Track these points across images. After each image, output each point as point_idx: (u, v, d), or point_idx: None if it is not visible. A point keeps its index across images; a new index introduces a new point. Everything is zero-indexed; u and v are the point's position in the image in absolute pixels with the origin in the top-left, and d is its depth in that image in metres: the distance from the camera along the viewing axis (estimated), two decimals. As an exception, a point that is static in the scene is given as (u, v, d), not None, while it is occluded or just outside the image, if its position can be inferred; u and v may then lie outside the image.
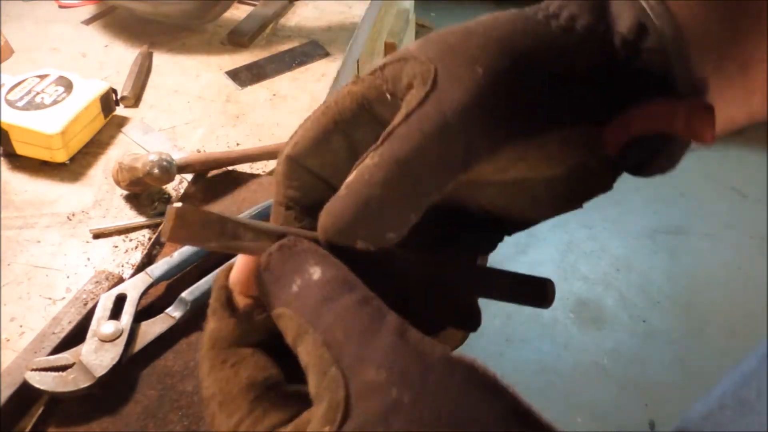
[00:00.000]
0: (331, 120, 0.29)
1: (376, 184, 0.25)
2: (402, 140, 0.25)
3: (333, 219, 0.26)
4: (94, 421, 0.49)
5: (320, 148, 0.29)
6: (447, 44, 0.27)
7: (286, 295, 0.24)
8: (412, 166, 0.25)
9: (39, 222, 0.69)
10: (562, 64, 0.27)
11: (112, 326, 0.52)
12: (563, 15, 0.28)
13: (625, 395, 1.69)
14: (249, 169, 0.74)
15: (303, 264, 0.24)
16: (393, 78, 0.28)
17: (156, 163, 0.65)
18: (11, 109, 0.74)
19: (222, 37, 0.99)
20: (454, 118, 0.25)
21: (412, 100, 0.26)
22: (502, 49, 0.27)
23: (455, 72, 0.26)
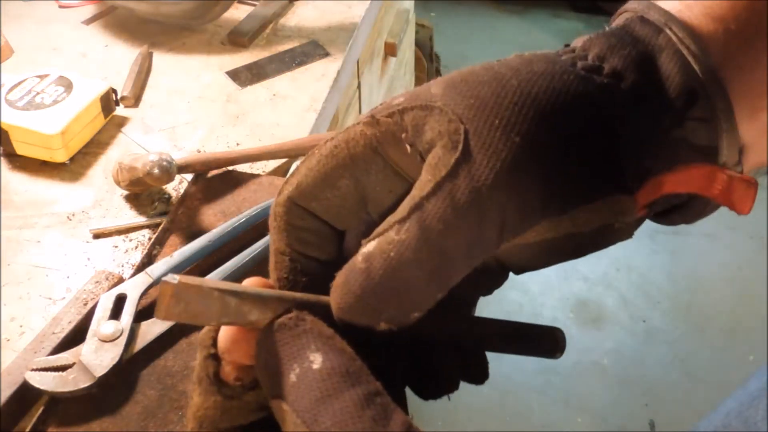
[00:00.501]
0: (340, 163, 0.26)
1: (403, 263, 0.23)
2: (432, 217, 0.23)
3: (353, 298, 0.23)
4: (94, 421, 0.49)
5: (326, 192, 0.27)
6: (477, 99, 0.25)
7: (283, 384, 0.22)
8: (443, 247, 0.23)
9: (39, 222, 0.69)
10: (604, 133, 0.25)
11: (112, 326, 0.52)
12: (606, 68, 0.26)
13: (625, 395, 1.69)
14: (249, 169, 0.74)
15: (303, 349, 0.22)
16: (414, 128, 0.25)
17: (156, 163, 0.65)
18: (11, 109, 0.74)
19: (222, 37, 0.99)
20: (489, 196, 0.23)
21: (440, 165, 0.24)
22: (540, 115, 0.24)
23: (489, 139, 0.24)
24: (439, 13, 3.12)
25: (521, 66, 0.26)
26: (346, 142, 0.27)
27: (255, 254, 0.59)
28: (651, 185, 0.26)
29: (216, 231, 0.61)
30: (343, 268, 0.24)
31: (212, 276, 0.57)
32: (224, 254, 0.59)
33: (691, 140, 0.26)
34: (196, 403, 0.25)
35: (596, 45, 0.27)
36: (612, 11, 0.31)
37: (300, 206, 0.27)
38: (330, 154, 0.27)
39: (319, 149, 0.27)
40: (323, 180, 0.27)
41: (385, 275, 0.23)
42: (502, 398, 1.66)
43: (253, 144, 0.79)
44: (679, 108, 0.26)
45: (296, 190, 0.27)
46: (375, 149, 0.26)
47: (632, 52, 0.26)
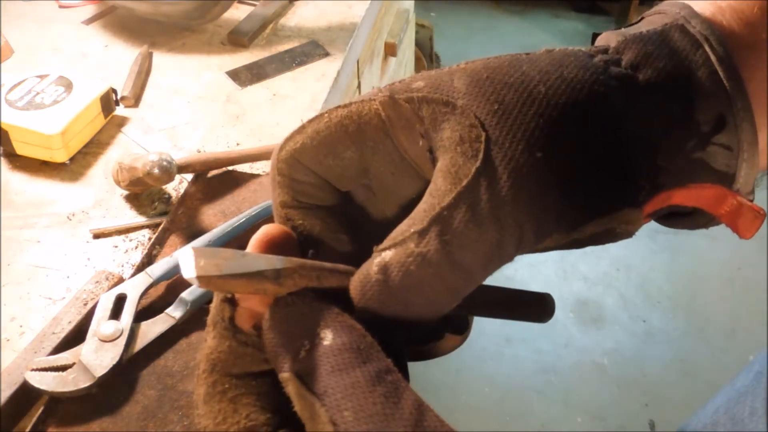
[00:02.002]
0: (348, 135, 0.26)
1: (423, 278, 0.23)
2: (454, 231, 0.23)
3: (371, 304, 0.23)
4: (94, 421, 0.49)
5: (329, 158, 0.27)
6: (501, 104, 0.24)
7: (293, 359, 0.22)
8: (463, 261, 0.23)
9: (39, 222, 0.69)
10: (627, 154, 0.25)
11: (112, 326, 0.52)
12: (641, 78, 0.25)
13: (625, 395, 1.69)
14: (249, 169, 0.74)
15: (313, 325, 0.22)
16: (432, 121, 0.25)
17: (156, 163, 0.65)
18: (11, 109, 0.74)
19: (222, 37, 0.99)
20: (509, 212, 0.23)
21: (460, 174, 0.23)
22: (565, 132, 0.24)
23: (511, 152, 0.23)
24: (439, 13, 3.13)
25: (550, 69, 0.25)
26: (359, 115, 0.26)
27: (255, 254, 0.59)
28: (660, 198, 0.26)
29: (216, 231, 0.61)
30: (357, 272, 0.24)
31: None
32: (224, 254, 0.59)
33: (710, 163, 0.26)
34: (210, 345, 0.25)
35: (631, 49, 0.26)
36: (612, 11, 0.30)
37: (301, 162, 0.27)
38: (340, 123, 0.26)
39: (329, 113, 0.27)
40: (328, 147, 0.26)
41: (403, 288, 0.23)
42: (502, 398, 1.66)
43: (253, 144, 0.79)
44: (706, 133, 0.25)
45: (300, 149, 0.27)
46: (386, 131, 0.26)
47: (668, 65, 0.25)
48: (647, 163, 0.25)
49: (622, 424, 1.64)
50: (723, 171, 0.26)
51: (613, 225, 0.25)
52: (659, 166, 0.25)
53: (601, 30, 0.28)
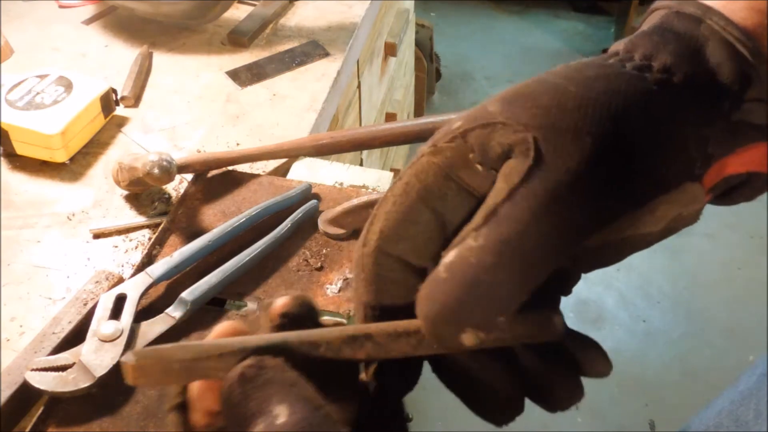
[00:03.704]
0: (416, 197, 0.26)
1: (485, 267, 0.23)
2: (510, 221, 0.23)
3: (439, 306, 0.24)
4: (94, 421, 0.49)
5: (410, 230, 0.27)
6: (539, 108, 0.25)
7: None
8: (524, 249, 0.23)
9: (39, 222, 0.69)
10: (666, 125, 0.25)
11: (112, 326, 0.52)
12: (656, 66, 0.26)
13: (625, 395, 1.69)
14: (249, 169, 0.74)
15: (267, 402, 0.22)
16: (480, 146, 0.26)
17: (156, 163, 0.65)
18: (11, 109, 0.74)
19: (222, 37, 0.99)
20: (566, 196, 0.24)
21: (513, 174, 0.24)
22: (605, 114, 0.25)
23: (559, 143, 0.24)
24: (439, 13, 3.13)
25: (573, 74, 0.27)
26: (416, 175, 0.27)
27: (255, 254, 0.59)
28: (715, 170, 0.27)
29: (216, 231, 0.61)
30: (425, 281, 0.25)
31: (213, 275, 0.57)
32: (224, 254, 0.59)
33: (751, 120, 0.27)
34: None
35: (640, 46, 0.27)
36: (612, 11, 0.31)
37: (387, 254, 0.27)
38: (404, 192, 0.27)
39: (391, 191, 0.27)
40: (404, 218, 0.27)
41: (467, 281, 0.23)
42: (502, 398, 1.66)
43: (253, 144, 0.79)
44: (736, 91, 0.26)
45: (381, 237, 0.27)
46: (446, 175, 0.26)
47: (677, 47, 0.27)
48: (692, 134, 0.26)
49: (622, 424, 1.64)
50: (764, 124, 0.27)
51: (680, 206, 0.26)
52: (704, 136, 0.26)
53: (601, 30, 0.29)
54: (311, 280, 0.59)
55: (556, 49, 2.93)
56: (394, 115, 1.61)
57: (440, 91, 2.69)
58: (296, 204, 0.64)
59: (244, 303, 0.58)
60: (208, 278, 0.57)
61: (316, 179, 0.71)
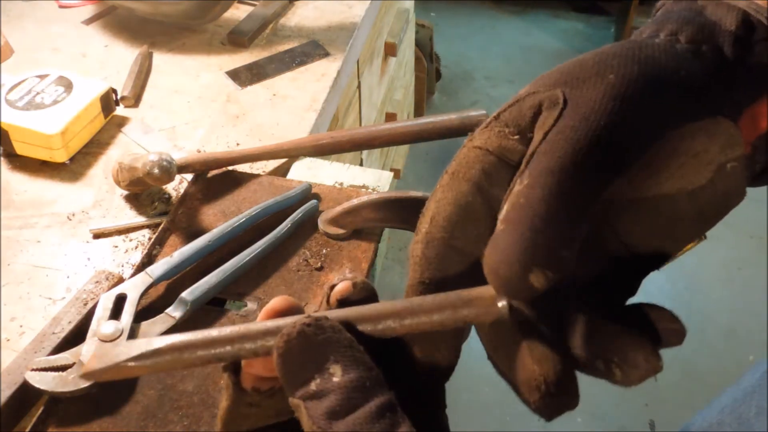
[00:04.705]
0: (463, 181, 0.28)
1: (536, 201, 0.24)
2: (549, 154, 0.25)
3: (502, 254, 0.24)
4: (94, 421, 0.49)
5: (462, 214, 0.28)
6: (563, 72, 0.27)
7: (304, 391, 0.23)
8: (568, 174, 0.24)
9: (39, 222, 0.69)
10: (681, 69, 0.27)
11: (112, 326, 0.52)
12: (663, 34, 0.28)
13: (625, 395, 1.69)
14: (249, 169, 0.74)
15: (323, 359, 0.23)
16: (513, 119, 0.27)
17: (156, 163, 0.65)
18: (11, 109, 0.74)
19: (222, 37, 0.99)
20: (597, 121, 0.25)
21: (546, 121, 0.26)
22: (625, 59, 0.26)
23: (585, 87, 0.26)
24: (439, 13, 3.12)
25: (592, 49, 0.28)
26: (459, 163, 0.28)
27: (255, 254, 0.59)
28: (748, 117, 0.28)
29: (216, 231, 0.61)
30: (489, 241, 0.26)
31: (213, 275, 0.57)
32: (224, 254, 0.59)
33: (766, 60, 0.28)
34: (223, 407, 0.27)
35: (647, 28, 0.29)
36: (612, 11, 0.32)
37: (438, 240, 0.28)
38: (450, 180, 0.28)
39: (439, 182, 0.29)
40: (455, 204, 0.28)
41: (520, 221, 0.24)
42: (502, 398, 1.66)
43: (253, 144, 0.79)
44: (742, 35, 0.28)
45: (431, 224, 0.28)
46: (486, 152, 0.28)
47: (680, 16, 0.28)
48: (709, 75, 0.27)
49: (622, 424, 1.64)
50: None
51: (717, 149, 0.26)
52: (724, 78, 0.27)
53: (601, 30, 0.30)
54: (311, 280, 0.59)
55: (556, 49, 2.93)
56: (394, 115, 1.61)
57: (440, 91, 2.69)
58: (296, 204, 0.64)
59: (244, 303, 0.58)
60: (208, 278, 0.57)
61: (316, 179, 0.71)
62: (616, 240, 0.29)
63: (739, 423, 0.69)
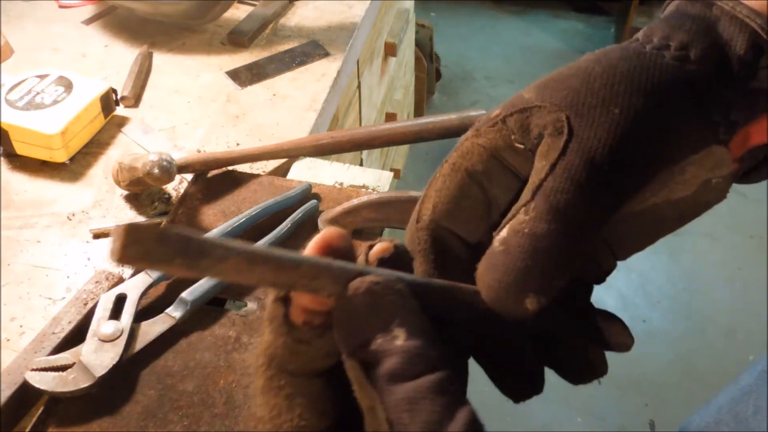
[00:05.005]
0: (465, 174, 0.29)
1: (540, 235, 0.25)
2: (555, 192, 0.26)
3: (500, 275, 0.26)
4: (94, 421, 0.49)
5: (461, 204, 0.29)
6: (570, 89, 0.28)
7: (361, 348, 0.22)
8: (572, 215, 0.26)
9: (39, 222, 0.69)
10: (687, 96, 0.28)
11: (112, 326, 0.52)
12: (673, 45, 0.28)
13: (625, 395, 1.69)
14: (249, 169, 0.74)
15: (388, 320, 0.22)
16: (520, 129, 0.28)
17: (156, 163, 0.65)
18: (11, 109, 0.74)
19: (222, 37, 0.99)
20: (602, 163, 0.26)
21: (550, 151, 0.26)
22: (630, 87, 0.27)
23: (590, 116, 0.27)
24: (439, 13, 3.12)
25: (599, 57, 0.29)
26: (462, 156, 0.29)
27: (255, 254, 0.59)
28: (739, 137, 0.29)
29: (216, 231, 0.61)
30: (483, 257, 0.27)
31: (212, 276, 0.57)
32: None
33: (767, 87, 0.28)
34: (267, 340, 0.25)
35: (658, 30, 0.29)
36: (612, 11, 0.32)
37: (441, 227, 0.29)
38: (452, 170, 0.29)
39: (440, 171, 0.30)
40: (457, 193, 0.29)
41: (523, 250, 0.25)
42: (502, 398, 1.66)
43: (253, 144, 0.79)
44: (750, 60, 0.28)
45: (434, 212, 0.29)
46: (491, 155, 0.29)
47: (692, 27, 0.29)
48: (713, 100, 0.28)
49: (622, 424, 1.64)
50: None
51: (708, 169, 0.28)
52: (725, 102, 0.28)
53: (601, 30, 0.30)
54: (311, 280, 0.59)
55: (556, 49, 2.93)
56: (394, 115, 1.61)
57: (440, 91, 2.69)
58: (296, 204, 0.64)
59: (244, 303, 0.58)
60: (208, 278, 0.57)
61: (316, 179, 0.71)
62: (606, 251, 0.31)
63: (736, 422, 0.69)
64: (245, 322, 0.56)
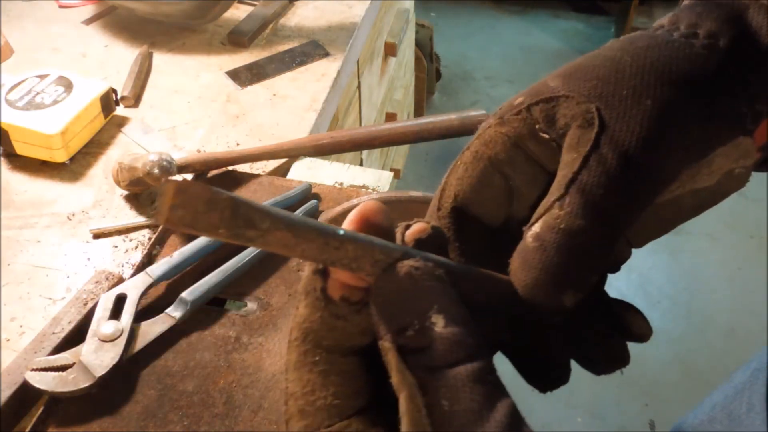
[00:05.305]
0: (487, 162, 0.29)
1: (575, 231, 0.25)
2: (591, 187, 0.25)
3: (538, 273, 0.25)
4: (94, 421, 0.49)
5: (483, 192, 0.29)
6: (599, 79, 0.27)
7: (398, 333, 0.21)
8: (606, 209, 0.25)
9: (39, 222, 0.69)
10: (717, 85, 0.27)
11: (112, 326, 0.52)
12: (702, 33, 0.28)
13: (625, 395, 1.69)
14: (249, 169, 0.74)
15: (427, 306, 0.22)
16: (545, 119, 0.28)
17: (156, 163, 0.65)
18: (11, 109, 0.74)
19: (222, 37, 0.99)
20: (635, 157, 0.26)
21: (581, 143, 0.26)
22: (661, 78, 0.27)
23: (622, 109, 0.26)
24: (439, 13, 3.12)
25: (626, 45, 0.28)
26: (485, 144, 0.29)
27: (255, 254, 0.59)
28: (763, 127, 0.29)
29: (216, 231, 0.60)
30: (514, 253, 0.27)
31: (213, 275, 0.57)
32: (224, 254, 0.59)
33: None
34: (302, 314, 0.24)
35: (684, 17, 0.29)
36: (612, 11, 0.32)
37: (463, 214, 0.29)
38: (474, 158, 0.29)
39: (461, 159, 0.29)
40: (479, 181, 0.29)
41: (559, 247, 0.25)
42: (502, 398, 1.66)
43: (253, 144, 0.79)
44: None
45: (455, 200, 0.29)
46: (515, 143, 0.28)
47: (720, 14, 0.28)
48: (741, 91, 0.28)
49: (622, 424, 1.64)
50: None
51: (733, 160, 0.28)
52: (753, 93, 0.28)
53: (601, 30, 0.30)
54: (311, 280, 0.59)
55: (556, 49, 2.93)
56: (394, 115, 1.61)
57: (440, 91, 2.69)
58: (296, 204, 0.64)
59: (244, 303, 0.58)
60: (208, 278, 0.57)
61: (316, 179, 0.71)
62: (623, 239, 0.31)
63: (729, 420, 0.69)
64: (245, 322, 0.56)
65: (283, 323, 0.56)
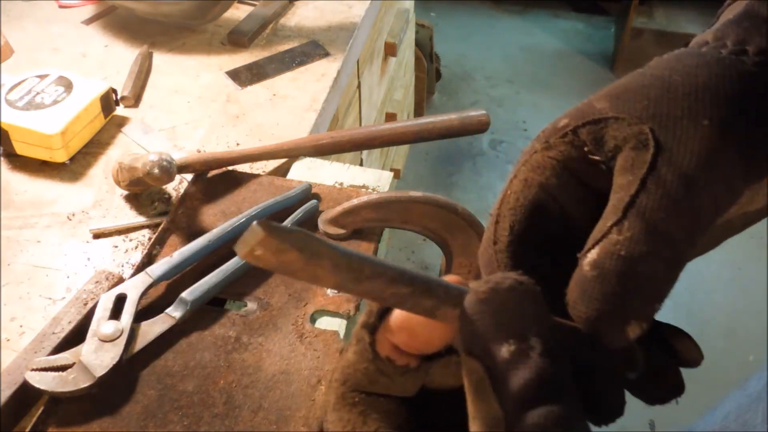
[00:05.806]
0: (539, 190, 0.28)
1: (636, 257, 0.24)
2: (652, 209, 0.24)
3: (598, 304, 0.24)
4: (94, 421, 0.49)
5: (537, 219, 0.27)
6: (649, 100, 0.26)
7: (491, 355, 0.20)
8: (670, 233, 0.24)
9: (39, 222, 0.69)
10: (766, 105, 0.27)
11: (112, 326, 0.52)
12: (751, 50, 0.27)
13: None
14: (249, 169, 0.74)
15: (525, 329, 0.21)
16: (594, 141, 0.27)
17: (156, 163, 0.65)
18: (11, 109, 0.74)
19: (222, 37, 0.99)
20: (697, 176, 0.25)
21: (637, 165, 0.25)
22: (716, 97, 0.26)
23: (679, 130, 0.25)
24: (439, 13, 3.12)
25: (672, 64, 0.28)
26: (534, 170, 0.28)
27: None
28: None
29: (216, 231, 0.61)
30: (570, 284, 0.25)
31: (213, 275, 0.57)
32: (224, 254, 0.59)
33: None
34: (348, 359, 0.24)
35: (730, 33, 0.28)
36: (612, 11, 0.31)
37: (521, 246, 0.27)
38: (525, 186, 0.28)
39: (509, 188, 0.28)
40: (532, 210, 0.28)
41: (621, 274, 0.24)
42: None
43: (253, 144, 0.79)
44: None
45: (512, 232, 0.27)
46: (564, 168, 0.28)
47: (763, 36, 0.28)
48: None
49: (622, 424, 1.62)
50: None
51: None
52: None
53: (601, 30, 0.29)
54: (311, 280, 0.59)
55: (556, 49, 2.93)
56: (394, 115, 1.61)
57: (440, 91, 2.69)
58: (296, 204, 0.64)
59: (244, 303, 0.58)
60: (208, 278, 0.57)
61: (316, 179, 0.71)
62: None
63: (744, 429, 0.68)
64: (245, 322, 0.56)
65: (283, 323, 0.56)
